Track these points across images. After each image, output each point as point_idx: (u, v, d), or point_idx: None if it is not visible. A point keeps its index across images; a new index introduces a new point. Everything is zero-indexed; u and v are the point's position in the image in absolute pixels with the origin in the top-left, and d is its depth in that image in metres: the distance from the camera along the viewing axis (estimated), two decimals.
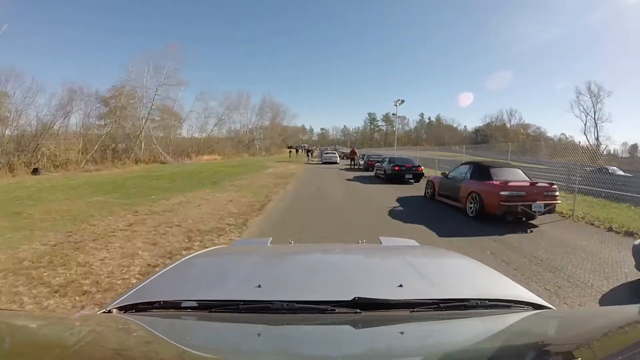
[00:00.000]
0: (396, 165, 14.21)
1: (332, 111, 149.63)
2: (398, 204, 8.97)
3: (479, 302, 0.94)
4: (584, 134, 59.42)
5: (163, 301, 0.95)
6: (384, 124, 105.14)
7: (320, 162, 31.39)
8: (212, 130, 45.44)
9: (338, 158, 31.20)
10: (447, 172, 9.03)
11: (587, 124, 58.88)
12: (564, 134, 70.64)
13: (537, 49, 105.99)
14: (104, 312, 0.94)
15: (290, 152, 44.42)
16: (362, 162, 23.68)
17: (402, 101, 32.27)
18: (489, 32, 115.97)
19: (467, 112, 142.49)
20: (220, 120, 47.15)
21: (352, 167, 25.21)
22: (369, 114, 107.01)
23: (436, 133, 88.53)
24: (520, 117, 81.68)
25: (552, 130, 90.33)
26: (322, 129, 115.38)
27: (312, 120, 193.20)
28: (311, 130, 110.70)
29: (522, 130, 74.32)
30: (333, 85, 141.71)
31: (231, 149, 45.68)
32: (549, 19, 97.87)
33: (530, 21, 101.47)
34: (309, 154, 36.56)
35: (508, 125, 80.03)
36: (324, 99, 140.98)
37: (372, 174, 18.62)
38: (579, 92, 59.56)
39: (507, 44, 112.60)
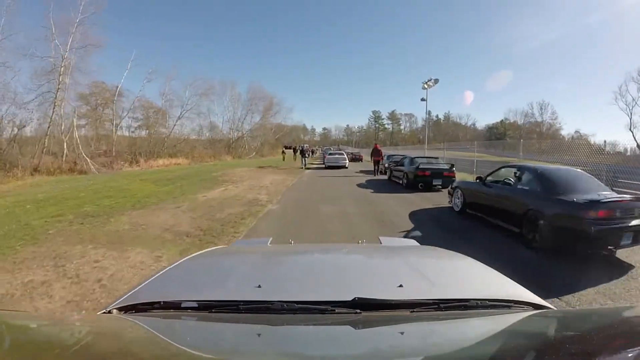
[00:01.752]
0: (601, 208, 3.73)
1: (335, 110, 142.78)
2: None
3: (479, 302, 0.93)
4: (630, 130, 45.72)
5: (163, 301, 0.94)
6: (389, 122, 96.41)
7: (323, 167, 22.44)
8: (175, 125, 33.60)
9: (347, 161, 21.80)
10: None
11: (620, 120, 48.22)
12: (578, 131, 63.99)
13: (541, 48, 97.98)
14: (104, 312, 0.94)
15: (283, 153, 33.31)
16: (405, 170, 12.31)
17: (437, 80, 22.66)
18: (491, 31, 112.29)
19: (473, 109, 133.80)
20: (186, 109, 34.62)
21: (376, 175, 16.11)
22: (374, 112, 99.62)
23: (445, 131, 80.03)
24: (553, 110, 70.16)
25: (567, 128, 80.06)
26: (324, 128, 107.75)
27: (314, 120, 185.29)
28: (313, 130, 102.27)
29: (535, 129, 69.38)
30: (335, 84, 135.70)
31: (206, 150, 35.60)
32: (551, 16, 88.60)
33: (532, 21, 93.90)
34: (305, 155, 23.80)
35: (534, 120, 72.06)
36: (325, 99, 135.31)
37: (440, 200, 8.52)
38: (630, 77, 45.02)
39: (507, 43, 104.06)
